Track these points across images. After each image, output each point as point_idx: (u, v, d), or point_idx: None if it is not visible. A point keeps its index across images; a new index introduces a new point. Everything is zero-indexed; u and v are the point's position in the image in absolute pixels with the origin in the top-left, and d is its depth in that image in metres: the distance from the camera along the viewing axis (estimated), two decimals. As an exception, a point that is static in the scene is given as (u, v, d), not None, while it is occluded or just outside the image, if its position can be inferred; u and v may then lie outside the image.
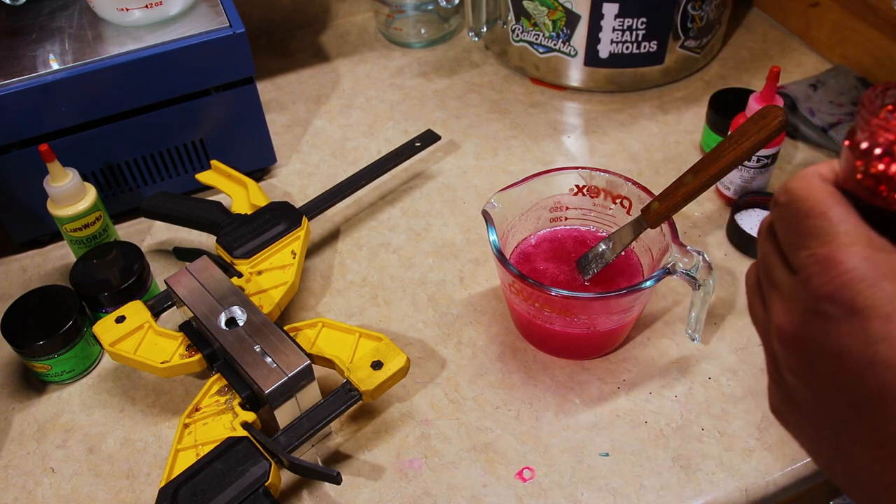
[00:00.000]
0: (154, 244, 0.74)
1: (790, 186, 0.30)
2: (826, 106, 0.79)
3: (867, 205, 0.28)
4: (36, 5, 0.73)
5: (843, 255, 0.27)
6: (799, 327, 0.28)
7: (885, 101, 0.29)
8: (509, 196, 0.60)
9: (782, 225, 0.30)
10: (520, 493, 0.53)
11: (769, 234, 0.32)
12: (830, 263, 0.27)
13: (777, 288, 0.30)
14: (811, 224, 0.28)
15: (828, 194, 0.29)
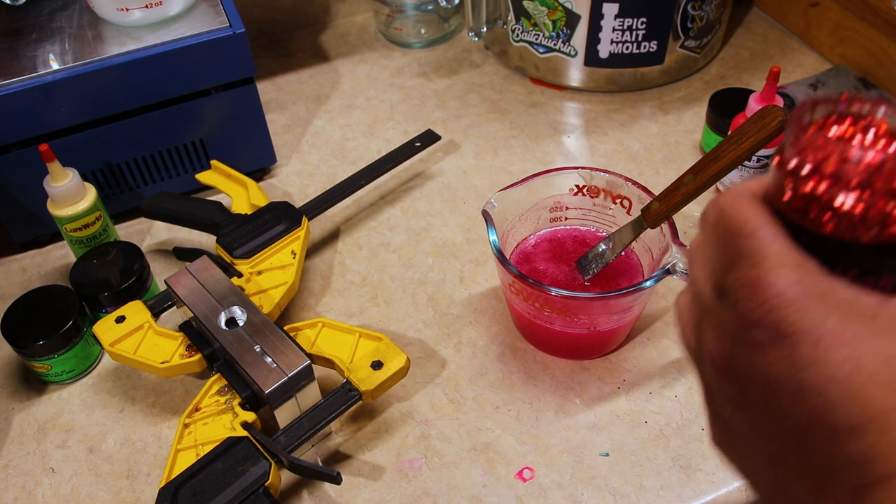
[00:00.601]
0: (154, 244, 0.74)
1: (720, 204, 0.29)
2: (826, 106, 0.79)
3: (797, 226, 0.27)
4: (36, 5, 0.73)
5: (771, 278, 0.26)
6: (730, 355, 0.28)
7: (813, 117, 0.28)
8: (509, 196, 0.60)
9: (711, 245, 0.29)
10: (520, 493, 0.53)
11: (699, 256, 0.30)
12: (758, 287, 0.26)
13: (708, 314, 0.29)
14: (740, 244, 0.27)
15: (758, 213, 0.28)
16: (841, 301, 0.25)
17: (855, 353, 0.24)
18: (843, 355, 0.24)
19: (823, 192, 0.26)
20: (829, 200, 0.26)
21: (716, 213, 0.29)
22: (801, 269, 0.26)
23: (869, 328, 0.25)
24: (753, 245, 0.27)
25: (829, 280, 0.26)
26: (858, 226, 0.26)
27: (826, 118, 0.28)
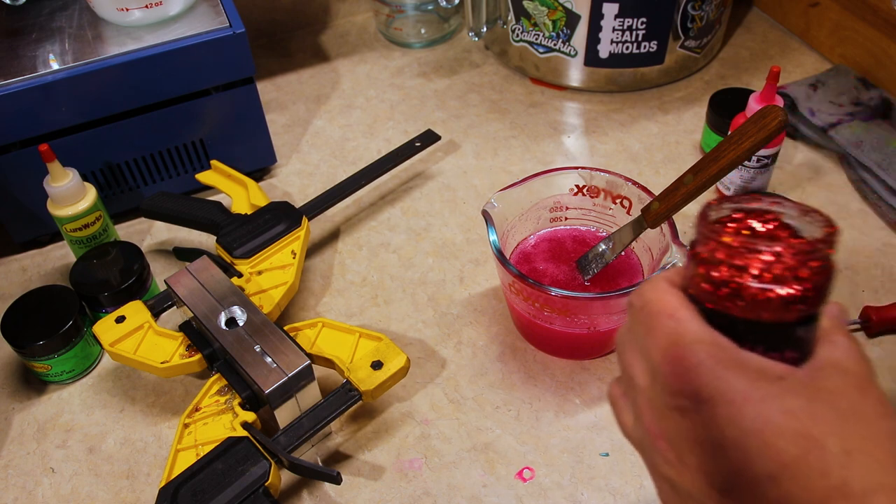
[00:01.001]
0: (154, 244, 0.74)
1: (643, 291, 0.33)
2: (826, 106, 0.79)
3: (708, 309, 0.31)
4: (36, 5, 0.73)
5: (689, 352, 0.30)
6: (665, 424, 0.31)
7: (719, 215, 0.32)
8: (509, 196, 0.60)
9: (638, 327, 0.33)
10: (520, 493, 0.53)
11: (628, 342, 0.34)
12: (678, 360, 0.30)
13: (642, 394, 0.33)
14: (662, 323, 0.31)
15: (676, 298, 0.32)
16: (751, 368, 0.29)
17: (765, 410, 0.28)
18: (755, 412, 0.28)
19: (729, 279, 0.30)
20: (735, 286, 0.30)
21: (640, 300, 0.33)
22: (715, 344, 0.30)
23: (776, 388, 0.28)
24: (673, 324, 0.31)
25: (739, 352, 0.30)
26: (761, 307, 0.30)
27: (732, 215, 0.32)
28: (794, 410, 0.28)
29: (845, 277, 0.66)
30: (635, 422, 0.34)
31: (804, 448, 0.27)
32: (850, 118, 0.77)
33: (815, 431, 0.27)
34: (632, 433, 0.35)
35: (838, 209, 0.72)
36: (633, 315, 0.34)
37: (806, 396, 0.28)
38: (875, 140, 0.75)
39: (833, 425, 0.28)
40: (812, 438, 0.27)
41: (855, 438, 0.27)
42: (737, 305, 0.30)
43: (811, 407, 0.28)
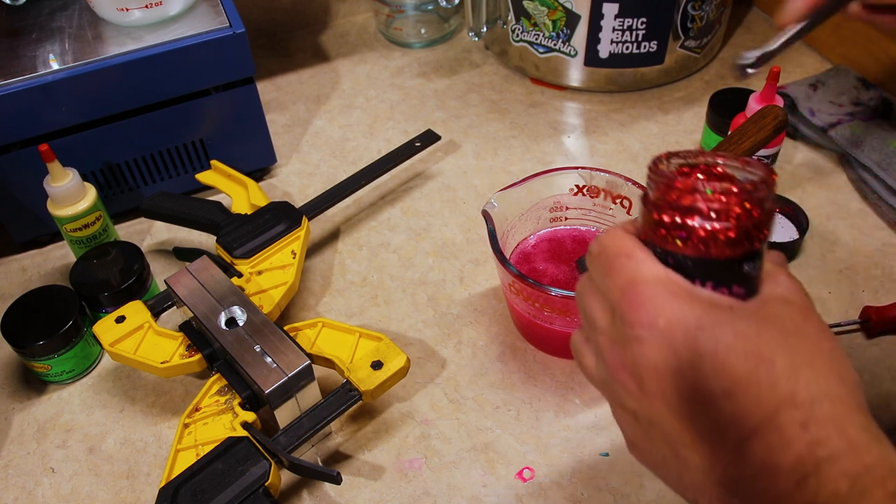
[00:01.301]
0: (154, 244, 0.74)
1: (600, 239, 0.36)
2: (826, 106, 0.79)
3: (661, 249, 0.34)
4: (36, 5, 0.73)
5: (644, 286, 0.32)
6: (624, 355, 0.33)
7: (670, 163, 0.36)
8: (509, 196, 0.60)
9: (597, 271, 0.36)
10: (520, 493, 0.53)
11: (588, 288, 0.37)
12: (635, 294, 0.32)
13: (602, 333, 0.35)
14: (619, 263, 0.34)
15: (631, 241, 0.35)
16: (703, 299, 0.32)
17: (717, 333, 0.30)
18: (708, 335, 0.30)
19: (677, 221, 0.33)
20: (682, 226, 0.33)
21: (598, 247, 0.36)
22: (668, 279, 0.33)
23: (726, 315, 0.31)
24: (629, 263, 0.34)
25: (692, 286, 0.33)
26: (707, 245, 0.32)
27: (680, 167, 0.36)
28: (744, 332, 0.30)
29: (845, 277, 0.66)
30: (597, 362, 0.36)
31: (754, 365, 0.29)
32: (850, 118, 0.77)
33: (764, 350, 0.30)
34: (595, 374, 0.37)
35: (838, 209, 0.72)
36: (592, 261, 0.36)
37: (754, 321, 0.31)
38: (875, 140, 0.75)
39: (780, 344, 0.30)
40: (761, 356, 0.30)
41: (800, 355, 0.30)
42: (686, 245, 0.33)
43: (759, 329, 0.30)
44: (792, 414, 0.28)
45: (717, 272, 0.33)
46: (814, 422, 0.28)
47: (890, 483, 0.26)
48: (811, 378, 0.29)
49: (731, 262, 0.33)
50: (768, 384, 0.29)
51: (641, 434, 0.34)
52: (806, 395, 0.29)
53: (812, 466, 0.27)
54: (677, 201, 0.33)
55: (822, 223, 0.71)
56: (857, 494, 0.26)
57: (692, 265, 0.33)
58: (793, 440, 0.28)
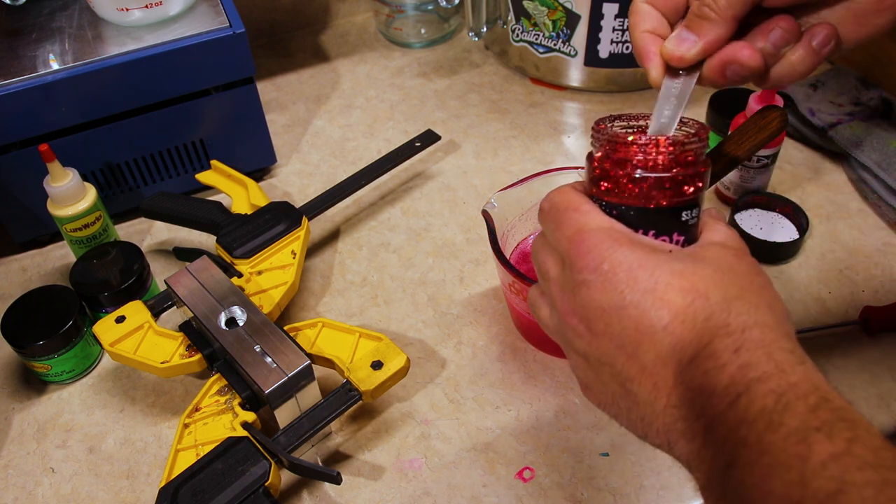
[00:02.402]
0: (154, 244, 0.74)
1: (550, 196, 0.39)
2: (826, 106, 0.79)
3: (606, 202, 0.37)
4: (36, 5, 0.73)
5: (590, 235, 0.35)
6: (574, 300, 0.35)
7: (612, 124, 0.39)
8: (509, 196, 0.60)
9: (548, 225, 0.38)
10: (520, 493, 0.53)
11: (540, 244, 0.39)
12: (582, 242, 0.35)
13: (554, 283, 0.37)
14: (568, 216, 0.37)
15: (578, 196, 0.38)
16: (644, 244, 0.35)
17: (657, 272, 0.33)
18: (648, 274, 0.33)
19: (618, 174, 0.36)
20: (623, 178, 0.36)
21: (549, 204, 0.38)
22: (612, 228, 0.36)
23: (665, 257, 0.34)
24: (577, 215, 0.36)
25: (634, 234, 0.36)
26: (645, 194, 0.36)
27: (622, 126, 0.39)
28: (681, 270, 0.33)
29: (845, 277, 0.66)
30: (551, 312, 0.39)
31: (691, 298, 0.32)
32: (850, 118, 0.77)
33: (700, 285, 0.33)
34: (549, 322, 0.39)
35: (838, 209, 0.72)
36: (544, 217, 0.39)
37: (690, 261, 0.34)
38: (875, 140, 0.75)
39: (714, 280, 0.33)
40: (696, 290, 0.32)
41: (732, 288, 0.33)
42: (626, 195, 0.36)
43: (695, 267, 0.33)
44: (725, 341, 0.31)
45: (658, 220, 0.36)
46: (745, 347, 0.30)
47: (811, 398, 0.28)
48: (742, 309, 0.32)
49: (670, 211, 0.36)
50: (704, 315, 0.32)
51: (593, 375, 0.36)
52: (738, 324, 0.31)
53: (743, 386, 0.29)
54: (617, 156, 0.36)
55: (822, 223, 0.71)
56: (782, 408, 0.28)
57: (634, 215, 0.36)
58: (726, 364, 0.30)
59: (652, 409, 0.33)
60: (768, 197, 0.71)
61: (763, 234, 0.68)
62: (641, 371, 0.33)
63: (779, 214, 0.70)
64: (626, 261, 0.34)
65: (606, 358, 0.35)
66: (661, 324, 0.32)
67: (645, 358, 0.33)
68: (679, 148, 0.35)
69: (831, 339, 0.61)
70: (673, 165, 0.35)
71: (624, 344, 0.33)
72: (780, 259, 0.68)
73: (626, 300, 0.33)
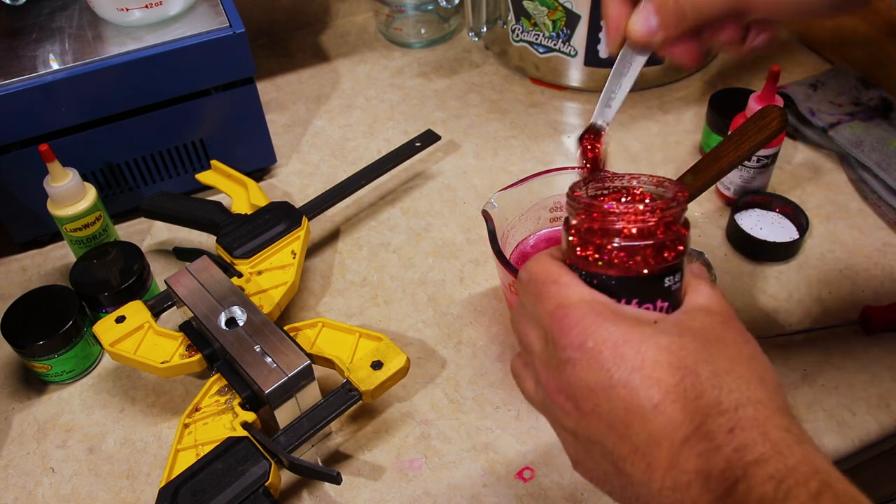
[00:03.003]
0: (154, 244, 0.74)
1: (528, 266, 0.37)
2: (826, 106, 0.79)
3: (585, 272, 0.36)
4: (36, 5, 0.73)
5: (572, 310, 0.34)
6: (559, 379, 0.34)
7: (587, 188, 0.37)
8: (509, 196, 0.60)
9: (528, 297, 0.37)
10: (520, 493, 0.53)
11: (520, 315, 0.38)
12: (564, 318, 0.34)
13: (538, 358, 0.36)
14: (548, 289, 0.35)
15: (558, 267, 0.36)
16: (628, 317, 0.34)
17: (643, 348, 0.32)
18: (634, 351, 0.32)
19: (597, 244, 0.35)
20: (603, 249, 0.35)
21: (527, 275, 0.37)
22: (594, 300, 0.34)
23: (652, 329, 0.33)
24: (557, 288, 0.35)
25: (617, 305, 0.35)
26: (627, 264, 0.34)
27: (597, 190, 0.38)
28: (668, 345, 0.32)
29: (845, 277, 0.66)
30: (535, 386, 0.37)
31: (680, 376, 0.31)
32: (850, 118, 0.77)
33: (689, 361, 0.31)
34: (534, 397, 0.38)
35: (838, 209, 0.72)
36: (523, 288, 0.38)
37: (677, 333, 0.33)
38: (875, 140, 0.75)
39: (702, 354, 0.32)
40: (686, 367, 0.31)
41: (722, 362, 0.32)
42: (606, 265, 0.35)
43: (682, 341, 0.32)
44: (718, 421, 0.30)
45: (640, 289, 0.35)
46: (739, 427, 0.29)
47: (812, 484, 0.27)
48: (734, 385, 0.31)
49: (652, 278, 0.35)
50: (694, 394, 0.31)
51: (583, 452, 0.35)
52: (730, 402, 0.30)
53: (740, 470, 0.28)
54: (595, 224, 0.35)
55: (822, 223, 0.71)
56: (782, 496, 0.27)
57: (615, 284, 0.35)
58: (721, 446, 0.29)
59: (647, 490, 0.32)
60: (768, 197, 0.71)
61: (763, 234, 0.68)
62: (634, 451, 0.32)
63: (779, 214, 0.70)
64: (612, 337, 0.32)
65: (596, 437, 0.33)
66: (652, 403, 0.31)
67: (637, 438, 0.32)
68: (659, 215, 0.34)
69: (831, 339, 0.61)
70: (653, 232, 0.34)
71: (614, 424, 0.32)
72: (780, 259, 0.68)
73: (614, 379, 0.32)
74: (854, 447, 0.55)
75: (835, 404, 0.57)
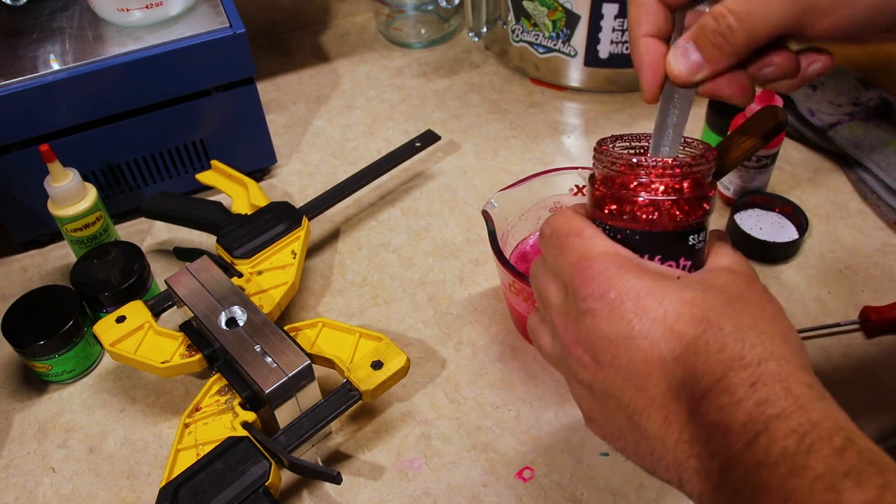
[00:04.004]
0: (154, 244, 0.74)
1: (551, 220, 0.37)
2: (826, 106, 0.79)
3: (610, 226, 0.35)
4: (37, 6, 0.73)
5: (595, 261, 0.33)
6: (578, 330, 0.34)
7: (615, 144, 0.37)
8: (509, 196, 0.60)
9: (549, 251, 0.37)
10: (520, 493, 0.53)
11: (540, 269, 0.38)
12: (586, 269, 0.33)
13: (556, 311, 0.36)
14: (570, 241, 0.35)
15: (581, 220, 0.36)
16: (651, 271, 0.33)
17: (666, 301, 0.32)
18: (657, 303, 0.32)
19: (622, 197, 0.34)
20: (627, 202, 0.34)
21: (550, 228, 0.37)
22: (618, 253, 0.34)
23: (674, 284, 0.32)
24: (580, 240, 0.35)
25: (640, 260, 0.34)
26: (651, 218, 0.34)
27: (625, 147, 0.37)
28: (692, 299, 0.32)
29: (845, 277, 0.66)
30: (553, 340, 0.37)
31: (702, 329, 0.31)
32: (850, 118, 0.77)
33: (711, 315, 0.31)
34: (550, 351, 0.38)
35: (838, 209, 0.73)
36: (545, 242, 0.37)
37: (700, 289, 0.32)
38: (874, 140, 0.75)
39: (726, 309, 0.31)
40: (708, 320, 0.31)
41: (745, 318, 0.31)
42: (631, 219, 0.34)
43: (705, 296, 0.32)
44: (740, 374, 0.29)
45: (664, 245, 0.35)
46: (761, 381, 0.29)
47: (836, 439, 0.27)
48: (757, 340, 0.30)
49: (676, 235, 0.34)
50: (716, 347, 0.30)
51: (598, 407, 0.35)
52: (753, 356, 0.30)
53: (762, 424, 0.28)
54: (621, 178, 0.34)
55: (822, 223, 0.71)
56: (805, 450, 0.27)
57: (639, 239, 0.35)
58: (742, 399, 0.29)
59: (662, 444, 0.32)
60: (768, 197, 0.71)
61: (763, 234, 0.68)
62: (651, 404, 0.32)
63: (779, 214, 0.70)
64: (634, 288, 0.32)
65: (613, 390, 0.33)
66: (672, 355, 0.31)
67: (654, 390, 0.31)
68: (685, 170, 0.34)
69: (831, 339, 0.61)
70: (679, 188, 0.34)
71: (632, 376, 0.32)
72: (779, 259, 0.68)
73: (635, 330, 0.32)
74: (854, 447, 0.55)
75: (834, 404, 0.57)
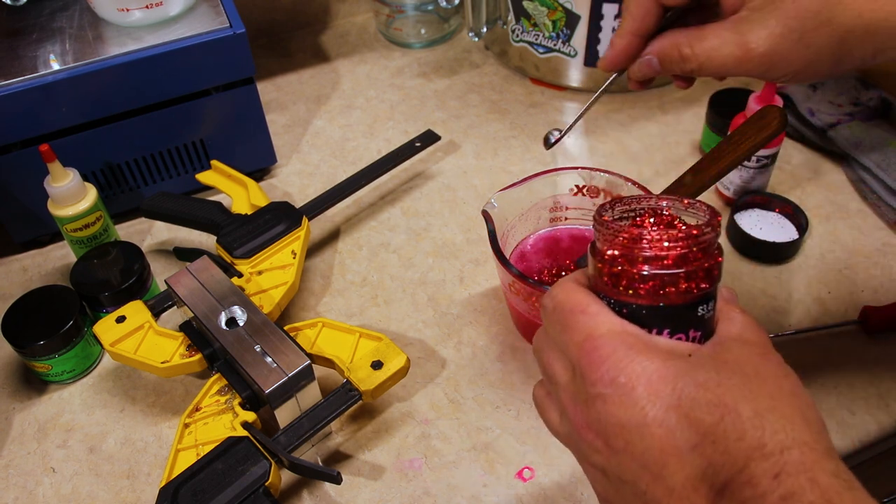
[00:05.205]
0: (154, 244, 0.74)
1: (553, 294, 0.35)
2: (825, 106, 0.79)
3: (614, 300, 0.34)
4: (37, 6, 0.73)
5: (602, 342, 0.32)
6: (588, 414, 0.32)
7: (614, 214, 0.36)
8: (509, 196, 0.60)
9: (553, 326, 0.35)
10: (520, 493, 0.53)
11: (544, 344, 0.36)
12: (594, 350, 0.32)
13: (564, 390, 0.34)
14: (575, 319, 0.33)
15: (585, 295, 0.34)
16: (661, 349, 0.32)
17: (679, 384, 0.30)
18: (670, 388, 0.30)
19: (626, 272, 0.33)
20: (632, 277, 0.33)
21: (552, 302, 0.35)
22: (625, 332, 0.32)
23: (686, 364, 0.31)
24: (585, 318, 0.33)
25: (649, 337, 0.32)
26: (658, 293, 0.32)
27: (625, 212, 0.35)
28: (706, 382, 0.30)
29: (845, 277, 0.66)
30: (561, 418, 0.36)
31: (719, 415, 0.29)
32: (850, 118, 0.77)
33: (727, 398, 0.29)
34: (559, 429, 0.36)
35: (838, 209, 0.73)
36: (547, 316, 0.36)
37: (714, 368, 0.31)
38: (874, 140, 0.75)
39: (742, 391, 0.30)
40: (725, 405, 0.29)
41: (763, 399, 0.29)
42: (637, 294, 0.33)
43: (720, 377, 0.30)
44: (762, 465, 0.28)
45: (672, 318, 0.33)
46: (785, 472, 0.27)
47: None
48: (778, 425, 0.29)
49: (685, 308, 0.33)
50: (735, 435, 0.29)
51: (613, 491, 0.33)
52: (775, 444, 0.28)
53: None
54: (624, 253, 0.33)
55: (822, 223, 0.71)
56: None
57: (646, 314, 0.33)
58: (767, 493, 0.27)
59: None
60: (768, 197, 0.71)
61: (763, 234, 0.68)
62: (669, 494, 0.30)
63: (779, 214, 0.70)
64: (645, 372, 0.31)
65: (628, 476, 0.31)
66: (689, 445, 0.29)
67: (672, 480, 0.30)
68: (693, 240, 0.32)
69: (831, 339, 0.61)
70: (686, 260, 0.32)
71: (648, 463, 0.30)
72: (779, 259, 0.68)
73: (649, 417, 0.30)
74: (854, 447, 0.55)
75: (834, 404, 0.57)
